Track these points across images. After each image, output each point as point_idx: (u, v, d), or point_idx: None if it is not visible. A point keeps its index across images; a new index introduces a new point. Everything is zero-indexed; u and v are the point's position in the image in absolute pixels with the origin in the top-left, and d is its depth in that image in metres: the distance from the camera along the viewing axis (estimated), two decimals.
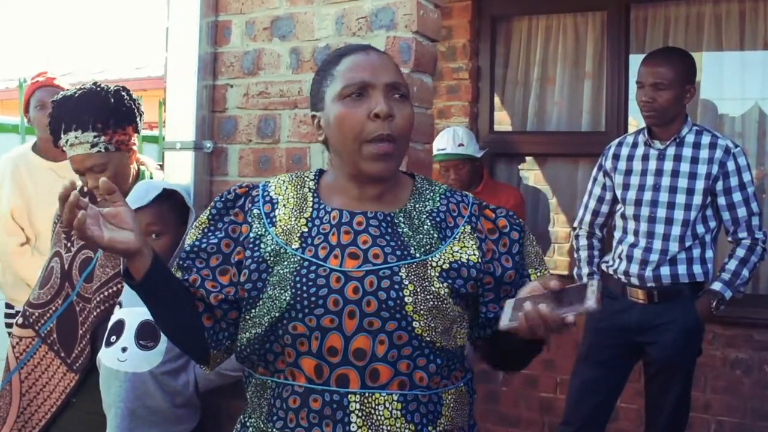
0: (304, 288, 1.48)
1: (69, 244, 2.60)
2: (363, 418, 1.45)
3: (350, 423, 1.45)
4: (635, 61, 3.85)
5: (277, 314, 1.48)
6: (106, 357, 2.29)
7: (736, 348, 4.06)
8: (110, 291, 2.50)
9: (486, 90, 4.77)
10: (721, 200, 3.12)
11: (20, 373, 2.60)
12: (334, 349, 1.46)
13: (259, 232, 1.57)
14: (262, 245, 1.55)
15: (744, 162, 3.11)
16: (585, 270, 3.43)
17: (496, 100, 4.83)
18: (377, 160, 1.52)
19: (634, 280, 3.21)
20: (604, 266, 3.38)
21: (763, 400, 4.00)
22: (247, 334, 1.54)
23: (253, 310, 1.53)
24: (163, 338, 2.26)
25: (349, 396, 1.46)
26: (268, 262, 1.53)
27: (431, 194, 1.64)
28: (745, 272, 3.12)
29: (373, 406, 1.46)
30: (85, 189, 2.68)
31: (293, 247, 1.53)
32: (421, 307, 1.48)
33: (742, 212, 3.11)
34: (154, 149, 4.80)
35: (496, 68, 4.79)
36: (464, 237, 1.58)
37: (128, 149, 2.57)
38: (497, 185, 4.38)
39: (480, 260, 1.56)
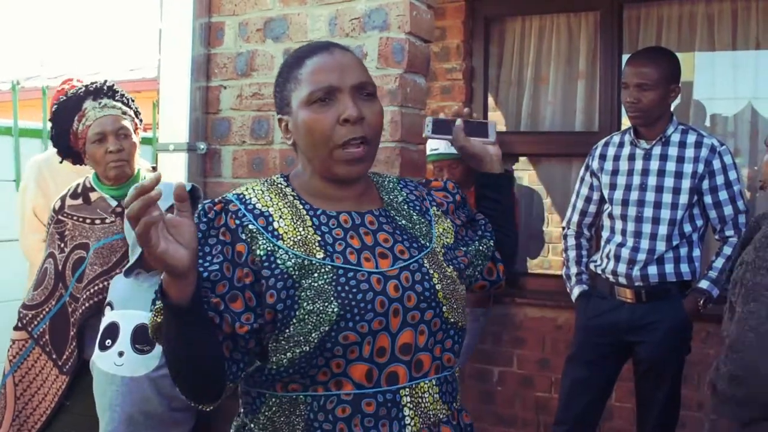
0: (350, 296, 1.43)
1: (62, 245, 2.61)
2: (414, 409, 1.47)
3: (404, 417, 1.46)
4: None
5: (326, 328, 1.40)
6: (102, 361, 2.29)
7: None
8: (96, 288, 2.51)
9: (480, 90, 4.77)
10: (708, 199, 3.12)
11: (14, 376, 2.60)
12: (382, 350, 1.45)
13: (269, 249, 1.45)
14: (278, 261, 1.44)
15: (730, 160, 3.11)
16: (573, 269, 3.44)
17: (490, 100, 4.83)
18: (350, 164, 1.50)
19: (622, 280, 3.22)
20: (592, 266, 3.39)
21: None
22: (289, 354, 1.42)
23: (288, 330, 1.42)
24: None
25: (401, 391, 1.46)
26: (294, 277, 1.43)
27: (391, 185, 1.69)
28: None
29: (420, 395, 1.49)
30: (79, 189, 2.68)
31: (318, 257, 1.46)
32: (447, 291, 1.53)
33: (728, 210, 3.11)
34: (147, 151, 4.79)
35: (489, 68, 4.79)
36: (438, 219, 1.67)
37: (136, 138, 2.69)
38: None
39: (454, 238, 1.67)
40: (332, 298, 1.42)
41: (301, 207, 1.54)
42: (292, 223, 1.50)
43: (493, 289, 1.84)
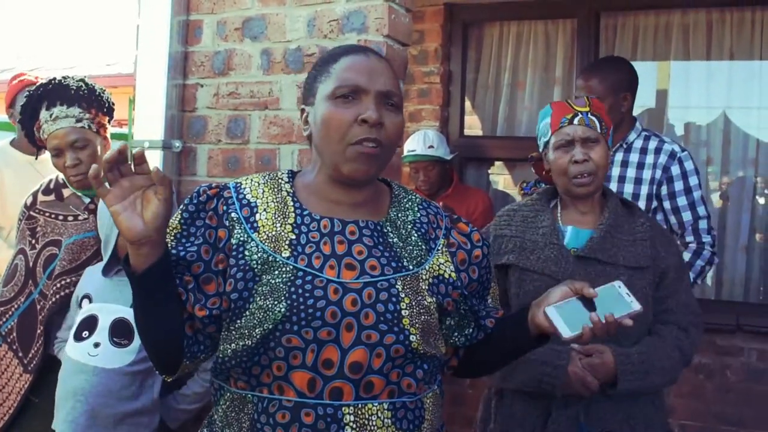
0: (301, 299, 1.42)
1: (33, 241, 2.58)
2: (357, 429, 1.42)
3: None
4: None
5: (270, 326, 1.41)
6: (75, 351, 2.26)
7: (699, 353, 4.08)
8: (62, 283, 2.48)
9: (457, 94, 4.79)
10: (667, 204, 3.12)
11: None
12: (329, 362, 1.41)
13: (242, 239, 1.48)
14: (246, 252, 1.47)
15: (691, 166, 3.10)
16: None
17: (467, 104, 4.85)
18: (359, 161, 1.48)
19: None
20: None
21: (725, 404, 4.06)
22: (233, 345, 1.45)
23: (239, 321, 1.45)
24: (138, 337, 2.25)
25: (343, 408, 1.42)
26: (255, 270, 1.45)
27: (410, 203, 1.64)
28: (691, 276, 3.13)
29: (367, 416, 1.43)
30: (52, 185, 2.66)
31: (283, 255, 1.46)
32: (416, 320, 1.47)
33: (687, 216, 3.10)
34: None
35: (467, 73, 4.82)
36: (443, 251, 1.59)
37: (105, 137, 2.59)
38: (467, 189, 4.40)
39: (457, 277, 1.58)
40: (282, 298, 1.42)
41: (291, 204, 1.55)
42: (273, 218, 1.52)
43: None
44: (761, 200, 4.37)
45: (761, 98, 4.30)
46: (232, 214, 1.52)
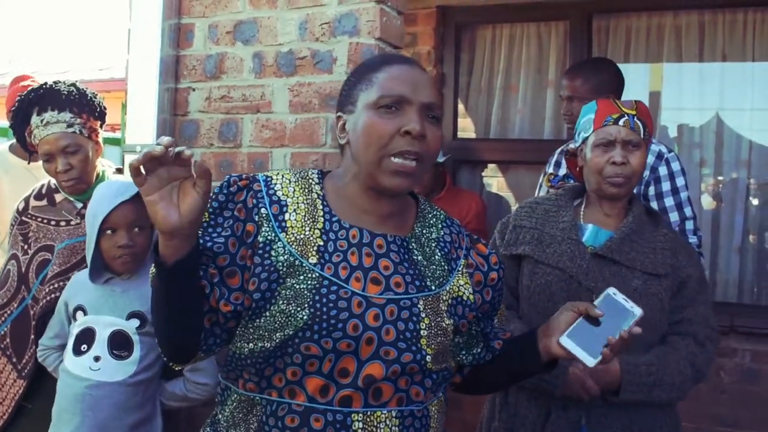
0: (324, 309, 1.41)
1: (26, 247, 2.57)
2: None
3: None
4: None
5: (290, 332, 1.40)
6: (75, 365, 2.25)
7: None
8: (52, 287, 2.47)
9: (450, 97, 4.80)
10: (654, 205, 3.10)
11: None
12: (345, 371, 1.42)
13: (269, 237, 1.46)
14: (273, 253, 1.45)
15: (677, 167, 3.09)
16: None
17: (460, 107, 4.86)
18: (397, 175, 1.46)
19: None
20: None
21: (719, 405, 4.06)
22: (250, 345, 1.45)
23: (258, 321, 1.44)
24: (137, 348, 2.24)
25: (353, 415, 1.43)
26: (280, 272, 1.44)
27: (434, 220, 1.63)
28: None
29: (375, 423, 1.44)
30: (44, 190, 2.65)
31: (310, 261, 1.45)
32: (433, 341, 1.48)
33: (674, 217, 3.09)
34: (115, 152, 4.75)
35: (460, 75, 4.82)
36: (463, 272, 1.60)
37: (97, 142, 2.57)
38: (460, 192, 4.40)
39: (474, 300, 1.59)
40: (306, 305, 1.41)
41: (321, 208, 1.52)
42: (302, 220, 1.49)
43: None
44: (754, 201, 4.37)
45: (754, 100, 4.30)
46: (262, 210, 1.49)
